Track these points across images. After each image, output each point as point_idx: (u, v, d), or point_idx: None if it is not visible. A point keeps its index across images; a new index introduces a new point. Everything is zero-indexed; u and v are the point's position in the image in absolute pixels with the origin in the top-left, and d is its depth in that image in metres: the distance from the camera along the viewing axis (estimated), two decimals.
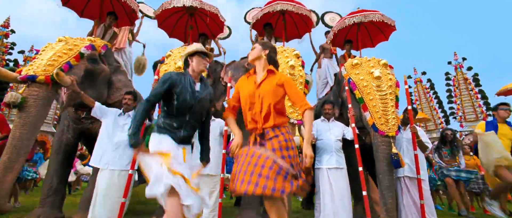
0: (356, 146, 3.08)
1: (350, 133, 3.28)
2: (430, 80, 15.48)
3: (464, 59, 14.67)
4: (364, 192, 2.91)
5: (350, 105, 3.32)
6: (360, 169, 3.01)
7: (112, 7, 4.01)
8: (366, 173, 4.24)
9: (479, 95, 14.05)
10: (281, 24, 4.47)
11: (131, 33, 4.81)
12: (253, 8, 5.30)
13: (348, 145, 3.35)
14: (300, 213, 4.54)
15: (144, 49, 5.23)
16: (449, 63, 14.87)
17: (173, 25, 4.46)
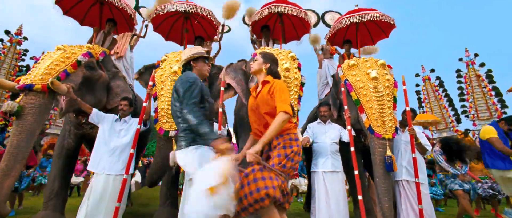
0: (352, 149, 3.02)
1: (347, 135, 3.22)
2: (439, 78, 14.92)
3: (477, 55, 14.11)
4: (360, 197, 2.85)
5: (346, 107, 3.26)
6: (356, 173, 2.95)
7: (112, 14, 4.09)
8: (368, 175, 4.16)
9: (493, 92, 13.49)
10: (279, 26, 4.45)
11: (136, 35, 4.86)
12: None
13: (347, 148, 3.29)
14: (302, 216, 4.50)
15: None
16: (460, 60, 14.31)
17: (169, 28, 4.50)
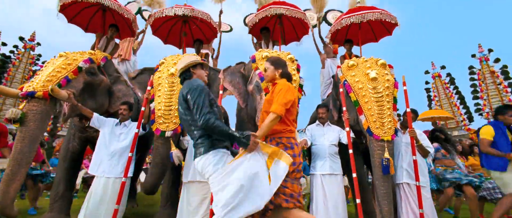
0: (350, 151, 2.97)
1: (346, 137, 3.17)
2: (450, 74, 14.43)
3: (491, 50, 13.56)
4: (358, 200, 2.80)
5: (345, 108, 3.21)
6: (354, 176, 2.90)
7: (114, 20, 4.17)
8: (372, 178, 4.08)
9: (509, 89, 12.95)
10: (278, 28, 4.43)
11: (141, 32, 4.97)
12: (251, 13, 5.29)
13: (347, 150, 3.24)
14: None
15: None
16: (473, 56, 13.78)
17: (167, 32, 4.55)
